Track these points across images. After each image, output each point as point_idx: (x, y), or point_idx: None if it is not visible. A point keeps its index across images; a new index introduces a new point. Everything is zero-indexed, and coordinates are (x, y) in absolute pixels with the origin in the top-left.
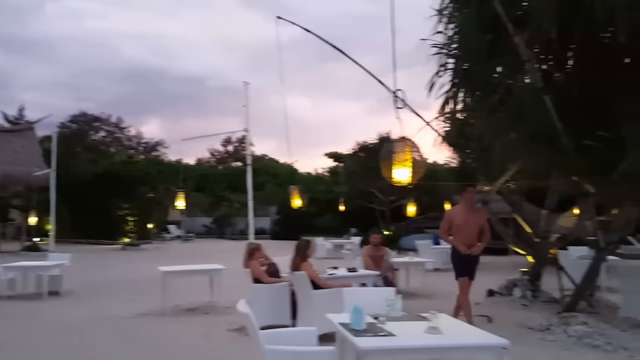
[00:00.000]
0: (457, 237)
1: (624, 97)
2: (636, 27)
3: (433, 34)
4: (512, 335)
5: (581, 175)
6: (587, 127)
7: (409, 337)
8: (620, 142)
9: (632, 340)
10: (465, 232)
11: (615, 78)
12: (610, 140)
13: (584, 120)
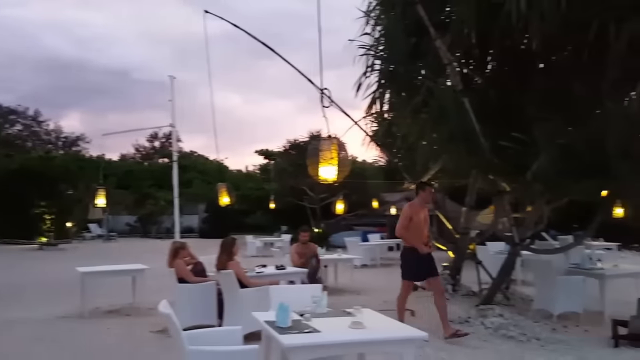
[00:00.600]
0: (415, 235)
1: (537, 101)
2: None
3: (360, 35)
4: (433, 327)
5: (497, 175)
6: (504, 129)
7: (333, 333)
8: (533, 144)
9: (544, 330)
10: (422, 231)
11: (529, 83)
12: (524, 142)
13: (501, 123)
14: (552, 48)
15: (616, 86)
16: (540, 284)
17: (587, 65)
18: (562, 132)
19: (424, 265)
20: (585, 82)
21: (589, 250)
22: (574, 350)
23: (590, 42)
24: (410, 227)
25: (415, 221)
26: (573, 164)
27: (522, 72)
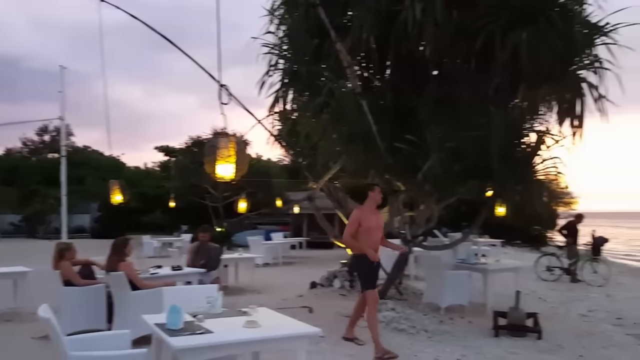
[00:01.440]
0: (366, 241)
1: (429, 106)
2: (441, 43)
3: (264, 34)
4: (330, 323)
5: (392, 174)
6: (399, 131)
7: (226, 333)
8: (425, 146)
9: (432, 323)
10: (373, 237)
11: (422, 88)
12: (417, 144)
13: (396, 125)
14: (444, 55)
15: (500, 93)
16: (430, 279)
17: (475, 72)
18: (451, 136)
19: (374, 272)
20: (472, 89)
21: (475, 247)
22: (459, 340)
23: (478, 51)
24: (360, 232)
25: (364, 227)
26: (460, 166)
27: (417, 77)
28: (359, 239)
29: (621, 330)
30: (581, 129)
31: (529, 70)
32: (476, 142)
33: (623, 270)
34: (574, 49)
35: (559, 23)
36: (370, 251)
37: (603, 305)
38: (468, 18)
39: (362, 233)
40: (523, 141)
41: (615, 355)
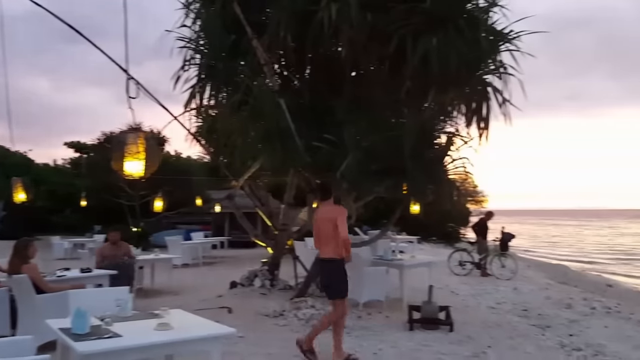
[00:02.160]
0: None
1: (346, 106)
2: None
3: (180, 27)
4: (250, 323)
5: (310, 173)
6: (317, 130)
7: (136, 336)
8: (342, 145)
9: (351, 318)
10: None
11: (340, 89)
12: (335, 143)
13: (315, 124)
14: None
15: (412, 96)
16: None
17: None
18: (367, 136)
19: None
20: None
21: (393, 243)
22: (376, 335)
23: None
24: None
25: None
26: (376, 165)
27: (334, 78)
28: (336, 241)
29: (526, 321)
30: (487, 131)
31: (438, 74)
32: (390, 142)
33: (529, 265)
34: (480, 54)
35: (466, 30)
36: (348, 254)
37: (510, 297)
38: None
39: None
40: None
41: (520, 345)
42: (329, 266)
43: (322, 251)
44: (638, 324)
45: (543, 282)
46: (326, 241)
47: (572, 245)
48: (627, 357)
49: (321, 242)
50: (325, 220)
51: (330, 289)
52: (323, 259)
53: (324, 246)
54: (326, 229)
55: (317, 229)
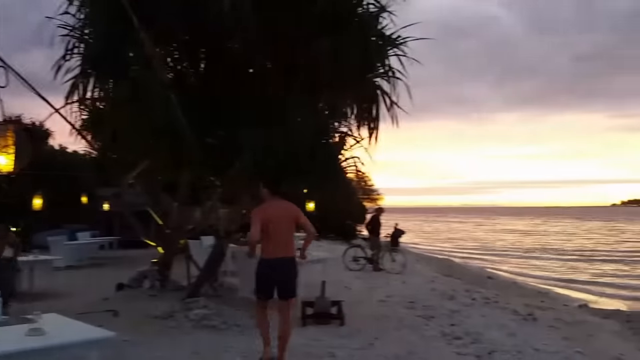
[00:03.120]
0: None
1: (243, 103)
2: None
3: (62, 14)
4: (137, 326)
5: (204, 171)
6: (211, 127)
7: (4, 343)
8: (238, 144)
9: (245, 317)
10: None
11: (237, 86)
12: (230, 140)
13: (210, 121)
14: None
15: (306, 95)
16: (244, 274)
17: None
18: (263, 134)
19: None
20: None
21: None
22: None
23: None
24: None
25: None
26: (271, 163)
27: (231, 74)
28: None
29: (412, 313)
30: (377, 132)
31: (331, 75)
32: (286, 140)
33: (418, 259)
34: (370, 58)
35: (357, 33)
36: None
37: (399, 290)
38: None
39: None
40: (328, 141)
41: (405, 335)
42: (290, 265)
43: (281, 250)
44: (513, 312)
45: (430, 275)
46: (287, 239)
47: (458, 240)
48: (501, 343)
49: (280, 240)
50: (284, 217)
51: (291, 288)
52: (284, 258)
53: (283, 245)
54: (287, 227)
55: (273, 228)
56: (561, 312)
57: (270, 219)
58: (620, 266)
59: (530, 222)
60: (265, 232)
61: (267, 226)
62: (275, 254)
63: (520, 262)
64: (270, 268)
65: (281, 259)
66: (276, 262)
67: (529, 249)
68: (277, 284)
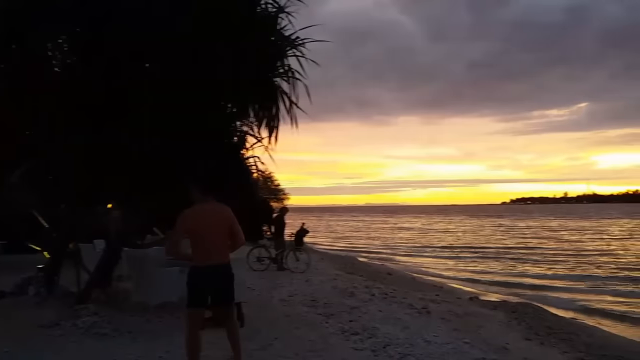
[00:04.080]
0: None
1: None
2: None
3: None
4: (19, 336)
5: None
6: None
7: None
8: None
9: (138, 323)
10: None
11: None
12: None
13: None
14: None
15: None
16: (139, 278)
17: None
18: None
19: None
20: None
21: None
22: (164, 338)
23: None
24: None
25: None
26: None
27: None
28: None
29: (314, 311)
30: (277, 132)
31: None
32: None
33: (323, 257)
34: (269, 58)
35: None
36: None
37: (302, 289)
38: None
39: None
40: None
41: (305, 334)
42: (227, 271)
43: (214, 256)
44: (409, 306)
45: (333, 273)
46: (222, 244)
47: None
48: (395, 336)
49: (212, 246)
50: (216, 221)
51: (230, 295)
52: (219, 265)
53: (216, 250)
54: (219, 232)
55: (203, 233)
56: (453, 305)
57: (200, 224)
58: (507, 261)
59: (429, 219)
60: (194, 237)
61: (195, 231)
62: (207, 261)
63: (418, 258)
64: (202, 276)
65: (214, 266)
66: (209, 270)
67: (426, 245)
68: (212, 292)
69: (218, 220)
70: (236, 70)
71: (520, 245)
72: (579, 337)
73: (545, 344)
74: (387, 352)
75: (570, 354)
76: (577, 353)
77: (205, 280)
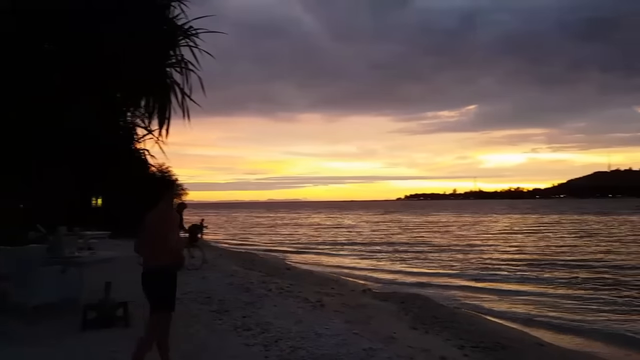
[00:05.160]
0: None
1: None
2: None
3: None
4: None
5: None
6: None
7: None
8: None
9: (15, 325)
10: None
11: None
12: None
13: None
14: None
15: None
16: (16, 277)
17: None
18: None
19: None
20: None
21: (81, 240)
22: (43, 340)
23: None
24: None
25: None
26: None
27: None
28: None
29: (207, 308)
30: (168, 123)
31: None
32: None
33: (221, 254)
34: (160, 48)
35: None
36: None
37: (197, 286)
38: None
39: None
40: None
41: (196, 332)
42: (168, 274)
43: (159, 257)
44: (304, 300)
45: (231, 269)
46: (163, 246)
47: (264, 234)
48: (288, 331)
49: (159, 247)
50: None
51: (170, 299)
52: (162, 267)
53: (160, 251)
54: (164, 233)
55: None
56: (347, 298)
57: (153, 224)
58: (399, 254)
59: (329, 215)
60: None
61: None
62: (157, 262)
63: (317, 254)
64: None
65: (160, 268)
66: (157, 272)
67: (326, 240)
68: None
69: (162, 221)
70: (122, 55)
71: (413, 241)
72: (461, 326)
73: (430, 333)
74: (278, 347)
75: (452, 341)
76: (458, 340)
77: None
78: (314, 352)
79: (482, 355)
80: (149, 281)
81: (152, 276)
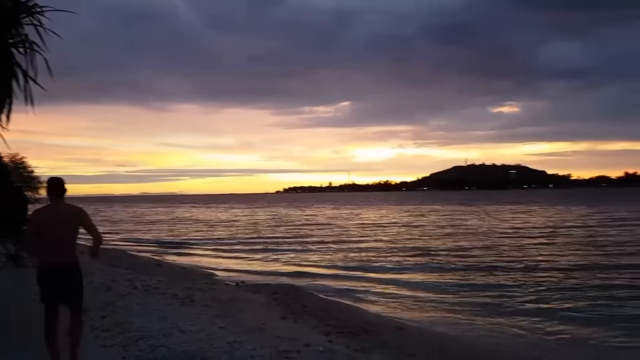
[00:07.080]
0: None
1: None
2: None
3: None
4: None
5: None
6: None
7: None
8: None
9: None
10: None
11: None
12: None
13: None
14: None
15: None
16: None
17: None
18: None
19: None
20: None
21: None
22: None
23: None
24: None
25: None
26: None
27: None
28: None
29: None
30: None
31: None
32: None
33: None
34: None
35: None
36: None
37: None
38: None
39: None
40: None
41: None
42: (75, 272)
43: (57, 255)
44: (172, 297)
45: (94, 267)
46: (71, 244)
47: (135, 231)
48: (150, 329)
49: (65, 245)
50: (59, 221)
51: (78, 297)
52: (60, 264)
53: (66, 250)
54: (71, 231)
55: (47, 232)
56: (220, 292)
57: (43, 223)
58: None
59: (207, 209)
60: (39, 236)
61: (40, 230)
62: (50, 260)
63: (194, 248)
64: (46, 273)
65: (57, 265)
66: (52, 268)
67: (204, 236)
68: (59, 290)
69: (61, 220)
70: None
71: (289, 234)
72: (329, 313)
73: (299, 322)
74: (138, 346)
75: (319, 328)
76: (325, 327)
77: (49, 278)
78: (176, 349)
79: (346, 339)
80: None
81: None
